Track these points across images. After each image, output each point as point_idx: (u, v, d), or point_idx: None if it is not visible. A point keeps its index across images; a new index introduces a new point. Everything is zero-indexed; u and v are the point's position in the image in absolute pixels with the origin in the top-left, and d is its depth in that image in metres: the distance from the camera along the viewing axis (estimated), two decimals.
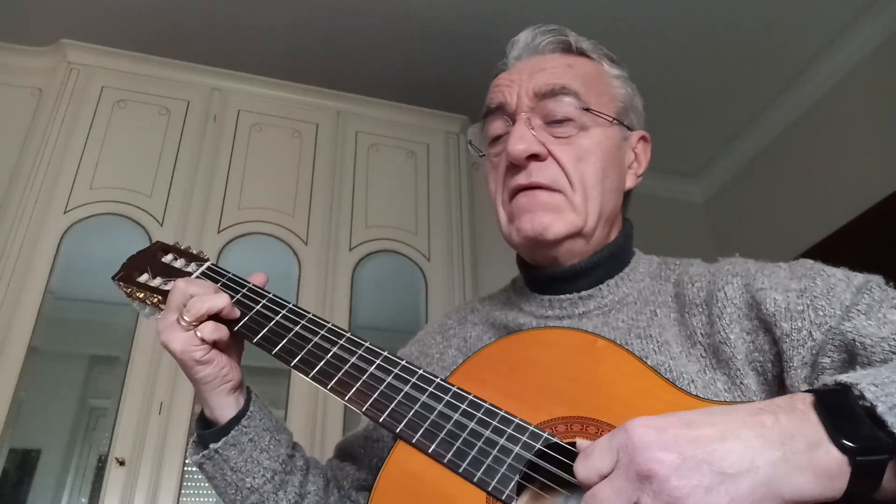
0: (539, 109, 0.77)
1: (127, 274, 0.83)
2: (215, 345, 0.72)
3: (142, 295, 0.81)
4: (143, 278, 0.82)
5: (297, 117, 2.48)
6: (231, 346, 0.75)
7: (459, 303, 2.16)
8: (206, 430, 0.75)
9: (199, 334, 0.70)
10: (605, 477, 0.44)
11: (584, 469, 0.46)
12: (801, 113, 2.70)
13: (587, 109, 0.77)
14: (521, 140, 0.74)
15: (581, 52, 0.83)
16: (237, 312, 0.74)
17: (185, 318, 0.70)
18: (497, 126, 0.80)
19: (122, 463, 1.79)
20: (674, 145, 3.03)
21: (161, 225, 2.14)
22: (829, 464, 0.41)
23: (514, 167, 0.76)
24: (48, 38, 2.33)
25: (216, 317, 0.72)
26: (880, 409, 0.41)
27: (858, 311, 0.59)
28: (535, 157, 0.75)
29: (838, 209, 2.42)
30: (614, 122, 0.79)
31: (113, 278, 0.84)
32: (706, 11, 2.36)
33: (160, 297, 0.79)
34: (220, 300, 0.72)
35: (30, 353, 1.87)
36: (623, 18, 2.39)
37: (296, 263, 2.22)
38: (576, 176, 0.75)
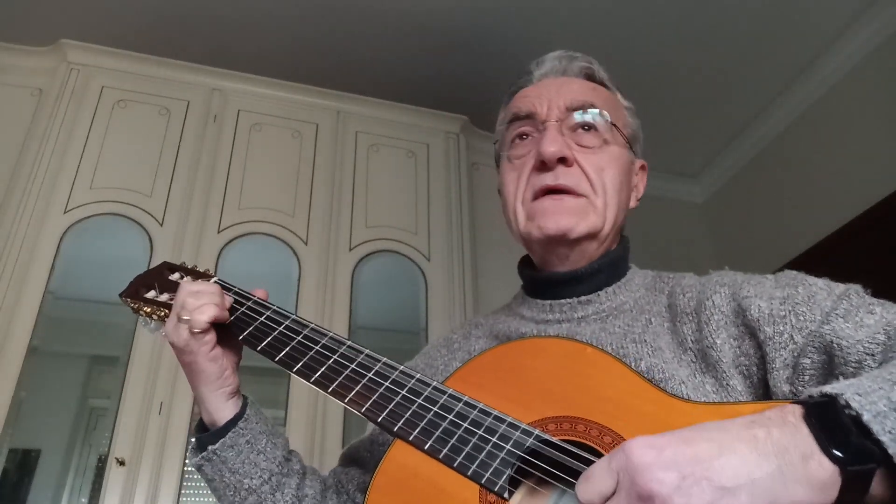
0: (568, 122, 0.82)
1: (134, 290, 0.86)
2: (219, 342, 0.76)
3: (149, 309, 0.84)
4: (151, 294, 0.85)
5: (297, 117, 2.48)
6: (230, 355, 0.78)
7: (462, 319, 2.23)
8: (203, 434, 0.78)
9: (195, 330, 0.73)
10: (608, 498, 0.45)
11: (585, 492, 0.46)
12: (800, 113, 2.70)
13: (613, 125, 0.84)
14: (554, 142, 0.79)
15: (601, 82, 0.89)
16: (226, 314, 0.78)
17: (183, 315, 0.74)
18: (524, 131, 0.85)
19: (122, 463, 1.79)
20: (674, 145, 3.03)
21: (161, 225, 2.14)
22: (821, 475, 0.42)
23: (541, 169, 0.81)
24: (48, 38, 2.33)
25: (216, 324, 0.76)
26: (866, 417, 0.43)
27: (837, 315, 0.62)
28: (563, 160, 0.80)
29: (838, 209, 2.42)
30: (627, 145, 0.86)
31: (120, 295, 0.86)
32: (706, 11, 2.36)
33: (167, 311, 0.82)
34: (214, 298, 0.76)
35: (30, 353, 1.87)
36: (622, 18, 2.39)
37: (296, 263, 2.22)
38: (598, 183, 0.81)
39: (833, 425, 0.44)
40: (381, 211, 2.40)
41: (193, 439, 0.80)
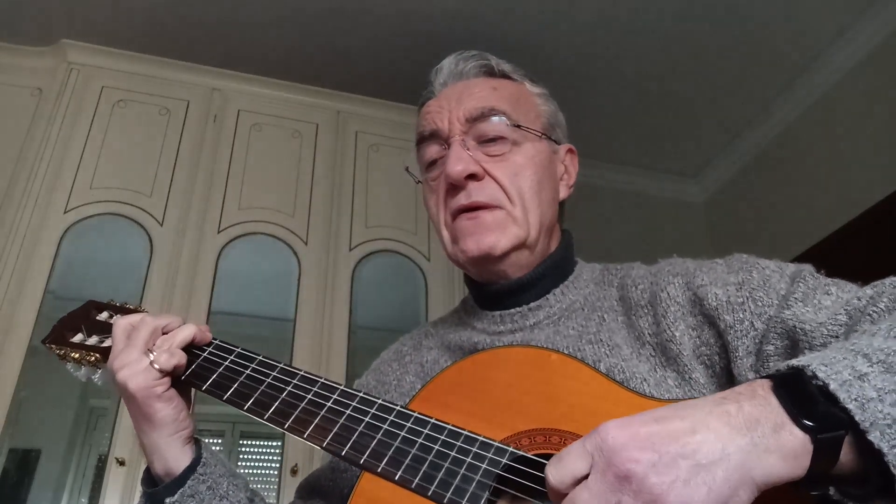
0: (472, 132, 0.80)
1: (59, 335, 0.80)
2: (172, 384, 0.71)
3: (77, 356, 0.78)
4: (78, 338, 0.80)
5: (297, 117, 2.48)
6: (182, 397, 0.73)
7: (413, 330, 2.23)
8: (156, 487, 0.71)
9: (156, 366, 0.68)
10: (580, 480, 0.44)
11: (557, 473, 0.45)
12: (800, 113, 2.70)
13: (518, 126, 0.80)
14: (459, 161, 0.77)
15: (504, 75, 0.85)
16: (209, 336, 0.74)
17: (164, 347, 0.70)
18: (432, 151, 0.83)
19: (122, 463, 1.79)
20: (674, 145, 3.03)
21: (161, 225, 2.14)
22: (793, 444, 0.42)
23: (454, 188, 0.79)
24: (48, 38, 2.33)
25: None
26: (832, 386, 0.43)
27: (796, 298, 0.62)
28: (472, 176, 0.78)
29: (838, 209, 2.42)
30: (542, 136, 0.83)
31: (43, 342, 0.80)
32: (706, 11, 2.36)
33: (98, 356, 0.77)
34: (189, 328, 0.73)
35: (30, 353, 1.87)
36: (621, 18, 2.38)
37: (296, 263, 2.22)
38: (513, 191, 0.78)
39: (801, 396, 0.44)
40: (381, 211, 2.40)
41: (142, 495, 0.73)
